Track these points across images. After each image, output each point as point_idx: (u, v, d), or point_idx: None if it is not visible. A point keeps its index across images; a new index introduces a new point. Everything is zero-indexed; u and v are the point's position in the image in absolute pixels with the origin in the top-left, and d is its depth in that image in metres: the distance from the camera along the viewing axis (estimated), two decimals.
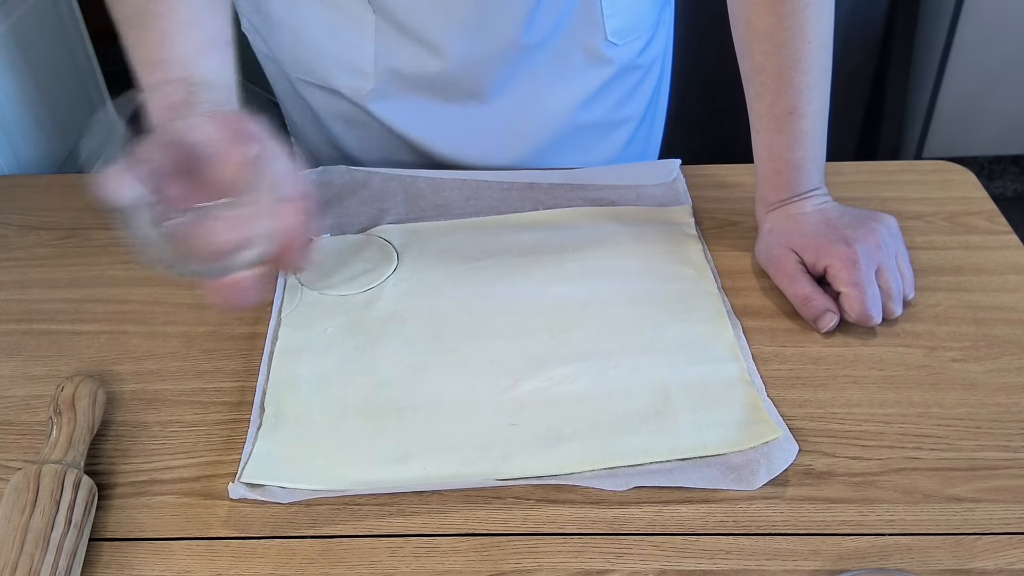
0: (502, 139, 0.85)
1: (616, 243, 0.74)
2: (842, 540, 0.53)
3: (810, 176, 0.71)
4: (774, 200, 0.72)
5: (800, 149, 0.70)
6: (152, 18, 0.59)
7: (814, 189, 0.71)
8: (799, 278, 0.68)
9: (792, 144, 0.70)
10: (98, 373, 0.65)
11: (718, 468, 0.56)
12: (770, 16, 0.66)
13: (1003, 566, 0.51)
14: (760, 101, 0.70)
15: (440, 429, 0.59)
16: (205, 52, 0.60)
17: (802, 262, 0.69)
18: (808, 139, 0.70)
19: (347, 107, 0.84)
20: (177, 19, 0.60)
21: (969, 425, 0.59)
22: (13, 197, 0.84)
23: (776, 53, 0.67)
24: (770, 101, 0.69)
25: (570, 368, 0.63)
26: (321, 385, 0.63)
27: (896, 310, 0.66)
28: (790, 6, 0.65)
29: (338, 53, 0.80)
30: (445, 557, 0.52)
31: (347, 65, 0.80)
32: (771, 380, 0.63)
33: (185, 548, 0.53)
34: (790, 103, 0.68)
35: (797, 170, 0.70)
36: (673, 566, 0.51)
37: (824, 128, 0.71)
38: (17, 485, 0.53)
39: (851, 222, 0.69)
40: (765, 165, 0.72)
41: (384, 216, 0.78)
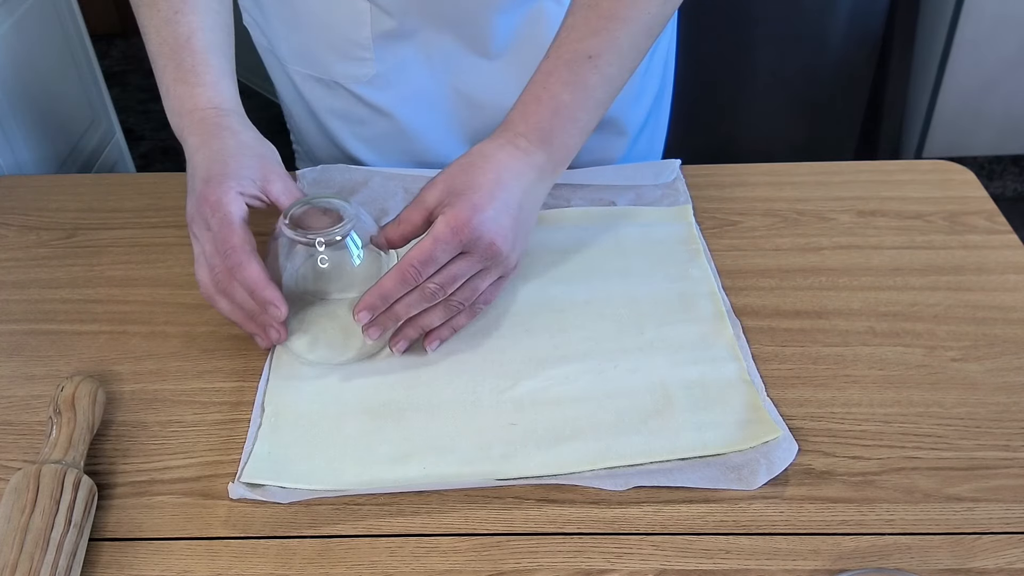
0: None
1: (616, 243, 0.74)
2: (842, 540, 0.53)
3: (559, 133, 0.65)
4: (508, 129, 0.66)
5: (574, 96, 0.65)
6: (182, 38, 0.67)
7: (541, 156, 0.65)
8: (412, 208, 0.63)
9: (574, 87, 0.65)
10: (98, 373, 0.65)
11: (718, 468, 0.56)
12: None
13: (1003, 566, 0.51)
14: (569, 33, 0.65)
15: (440, 429, 0.59)
16: (227, 78, 0.68)
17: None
18: (586, 94, 0.65)
19: (346, 102, 0.84)
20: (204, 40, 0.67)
21: (969, 425, 0.59)
22: (13, 197, 0.84)
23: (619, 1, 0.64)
24: (579, 36, 0.65)
25: (570, 368, 0.63)
26: (321, 385, 0.63)
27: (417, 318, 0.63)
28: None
29: (335, 41, 0.80)
30: (445, 557, 0.52)
31: (346, 53, 0.80)
32: (771, 380, 0.63)
33: (185, 548, 0.53)
34: (597, 50, 0.64)
35: (557, 113, 0.65)
36: (673, 566, 0.51)
37: (599, 111, 0.66)
38: (17, 485, 0.53)
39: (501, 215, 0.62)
40: (529, 90, 0.66)
41: (384, 216, 0.78)
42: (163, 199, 0.82)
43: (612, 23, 0.64)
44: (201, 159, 0.63)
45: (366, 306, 0.60)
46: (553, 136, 0.65)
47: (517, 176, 0.64)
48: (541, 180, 0.66)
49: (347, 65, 0.81)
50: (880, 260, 0.73)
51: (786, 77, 1.92)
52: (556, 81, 0.65)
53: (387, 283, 0.60)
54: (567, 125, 0.65)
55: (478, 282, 0.63)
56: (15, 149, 1.02)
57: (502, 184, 0.63)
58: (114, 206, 0.82)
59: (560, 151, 0.66)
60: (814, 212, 0.79)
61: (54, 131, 1.12)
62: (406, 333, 0.64)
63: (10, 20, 1.05)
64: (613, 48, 0.65)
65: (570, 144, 0.66)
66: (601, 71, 0.65)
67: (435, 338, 0.65)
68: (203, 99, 0.66)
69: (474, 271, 0.62)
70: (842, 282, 0.71)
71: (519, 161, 0.64)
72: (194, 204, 0.62)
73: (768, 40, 1.87)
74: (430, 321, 0.64)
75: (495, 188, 0.62)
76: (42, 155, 1.08)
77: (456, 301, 0.63)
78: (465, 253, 0.61)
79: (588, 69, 0.64)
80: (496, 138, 0.66)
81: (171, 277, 0.73)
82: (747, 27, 1.85)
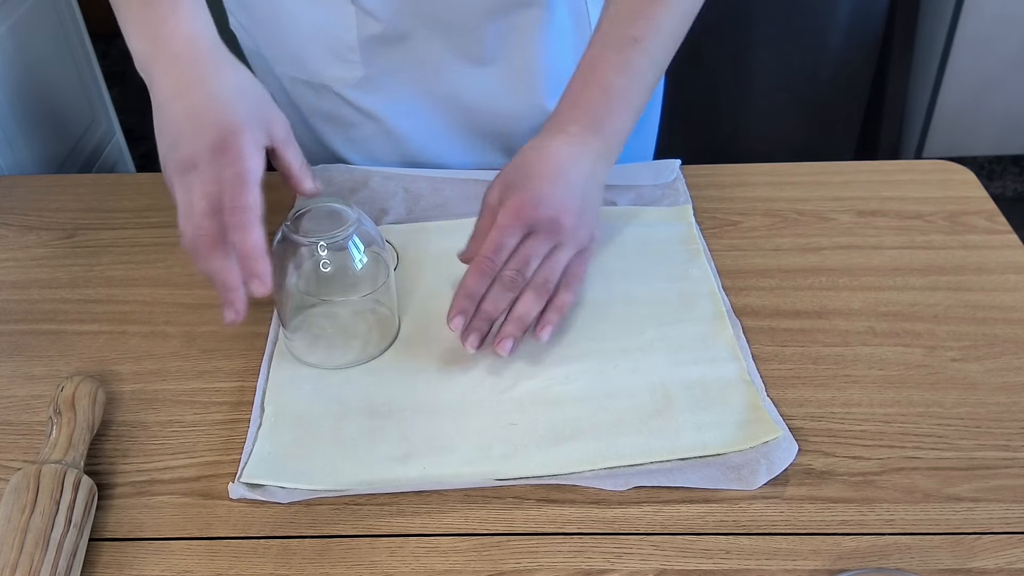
0: (491, 135, 0.85)
1: (616, 243, 0.74)
2: (842, 540, 0.53)
3: (611, 116, 0.66)
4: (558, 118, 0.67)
5: (623, 78, 0.65)
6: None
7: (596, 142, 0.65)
8: (481, 217, 0.64)
9: (622, 69, 0.65)
10: (98, 373, 0.65)
11: (718, 468, 0.56)
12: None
13: (1003, 565, 0.51)
14: (612, 20, 0.67)
15: (440, 429, 0.59)
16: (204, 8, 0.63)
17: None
18: (635, 76, 0.66)
19: (334, 105, 0.83)
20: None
21: (969, 425, 0.59)
22: (13, 197, 0.84)
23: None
24: (623, 22, 0.66)
25: (570, 368, 0.63)
26: (321, 385, 0.63)
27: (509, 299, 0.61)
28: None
29: (322, 44, 0.79)
30: (445, 557, 0.52)
31: (333, 56, 0.80)
32: (771, 380, 0.63)
33: (185, 548, 0.53)
34: (642, 32, 0.65)
35: (607, 95, 0.66)
36: (673, 566, 0.51)
37: (647, 93, 0.67)
38: (17, 485, 0.53)
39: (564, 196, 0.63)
40: (576, 77, 0.67)
41: (384, 216, 0.78)
42: (163, 199, 0.82)
43: (655, 7, 0.66)
44: (202, 96, 0.58)
45: (458, 310, 0.61)
46: (605, 120, 0.66)
47: (574, 162, 0.64)
48: (599, 165, 0.66)
49: (334, 68, 0.80)
50: (880, 260, 0.73)
51: (786, 77, 1.92)
52: (604, 65, 0.66)
53: (467, 281, 0.61)
54: (619, 108, 0.66)
55: (557, 257, 0.63)
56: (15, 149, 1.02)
57: (560, 171, 0.64)
58: (114, 206, 0.82)
59: (614, 135, 0.66)
60: (814, 212, 0.79)
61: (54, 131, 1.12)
62: (506, 331, 0.62)
63: (10, 20, 1.05)
64: (657, 31, 0.66)
65: (623, 127, 0.67)
66: (648, 53, 0.66)
67: (544, 324, 0.62)
68: (184, 26, 0.60)
69: (546, 249, 0.62)
70: (842, 282, 0.71)
71: (574, 148, 0.65)
72: (196, 149, 0.56)
73: (768, 40, 1.87)
74: (526, 310, 0.62)
75: (553, 175, 0.63)
76: (42, 155, 1.08)
77: (541, 280, 0.62)
78: (532, 233, 0.62)
79: (635, 52, 0.65)
80: (547, 130, 0.66)
81: (171, 277, 0.73)
82: (747, 27, 1.85)
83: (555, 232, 0.62)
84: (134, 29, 0.61)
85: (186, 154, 0.57)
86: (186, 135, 0.57)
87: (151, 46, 0.60)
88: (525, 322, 0.62)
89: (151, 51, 0.60)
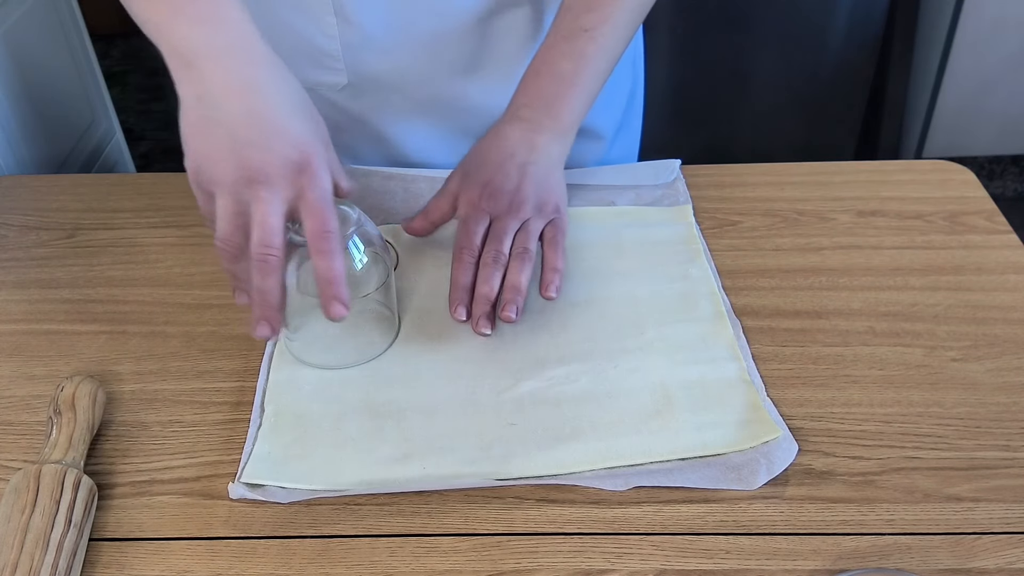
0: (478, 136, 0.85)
1: (616, 243, 0.74)
2: (842, 540, 0.53)
3: (560, 99, 0.70)
4: (513, 105, 0.71)
5: (572, 64, 0.69)
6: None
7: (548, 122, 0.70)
8: (437, 197, 0.70)
9: (572, 56, 0.69)
10: (98, 373, 0.65)
11: (718, 468, 0.56)
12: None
13: (1003, 566, 0.51)
14: (566, 13, 0.71)
15: (440, 429, 0.59)
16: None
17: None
18: (584, 62, 0.69)
19: (321, 108, 0.82)
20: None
21: (969, 425, 0.59)
22: (13, 197, 0.84)
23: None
24: (575, 15, 0.70)
25: (570, 368, 0.63)
26: (321, 385, 0.63)
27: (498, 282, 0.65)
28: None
29: (305, 49, 0.78)
30: (445, 557, 0.52)
31: (317, 61, 0.79)
32: (771, 380, 0.63)
33: (185, 548, 0.53)
34: (592, 23, 0.69)
35: (556, 80, 0.70)
36: (673, 566, 0.51)
37: (599, 78, 0.71)
38: (17, 485, 0.53)
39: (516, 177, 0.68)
40: (530, 67, 0.71)
41: (384, 216, 0.78)
42: (163, 199, 0.82)
43: (606, 2, 0.69)
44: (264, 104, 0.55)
45: (457, 302, 0.65)
46: (556, 101, 0.70)
47: (526, 144, 0.69)
48: (552, 143, 0.70)
49: (318, 74, 0.79)
50: (880, 260, 0.73)
51: (786, 77, 1.92)
52: (555, 54, 0.70)
53: (454, 275, 0.66)
54: (568, 91, 0.70)
55: (527, 228, 0.67)
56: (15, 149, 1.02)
57: (512, 154, 0.69)
58: (114, 206, 0.82)
59: (566, 115, 0.70)
60: (814, 212, 0.79)
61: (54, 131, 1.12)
62: (506, 299, 0.64)
63: (10, 20, 1.05)
64: (608, 21, 0.69)
65: (574, 108, 0.71)
66: (597, 42, 0.69)
67: (547, 283, 0.65)
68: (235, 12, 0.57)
69: (515, 225, 0.67)
70: (842, 282, 0.71)
71: (524, 131, 0.70)
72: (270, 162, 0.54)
73: (768, 40, 1.87)
74: (516, 277, 0.65)
75: (504, 160, 0.69)
76: (42, 155, 1.08)
77: (519, 249, 0.66)
78: (496, 218, 0.67)
79: (585, 40, 0.69)
80: (503, 118, 0.71)
81: (171, 277, 0.73)
82: (747, 27, 1.85)
83: (516, 211, 0.67)
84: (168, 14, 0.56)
85: (257, 165, 0.54)
86: (255, 145, 0.55)
87: (199, 31, 0.56)
88: (519, 288, 0.65)
89: (201, 37, 0.56)
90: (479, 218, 0.67)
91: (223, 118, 0.55)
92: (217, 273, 0.73)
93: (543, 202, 0.68)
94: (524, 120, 0.70)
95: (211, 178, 0.55)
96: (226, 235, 0.56)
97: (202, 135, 0.55)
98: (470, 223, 0.67)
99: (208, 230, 0.77)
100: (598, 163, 0.89)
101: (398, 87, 0.81)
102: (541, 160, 0.69)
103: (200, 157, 0.55)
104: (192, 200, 0.81)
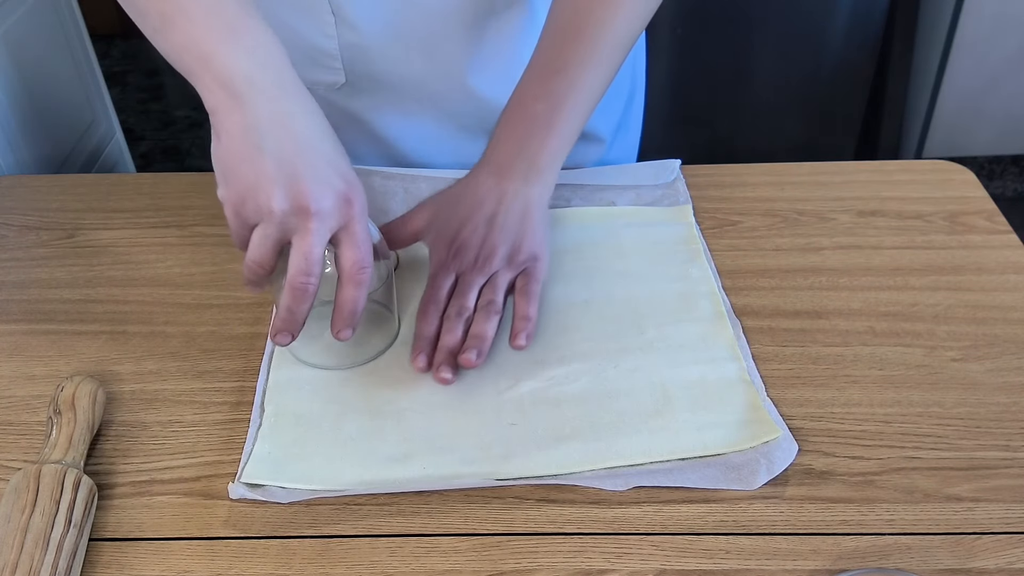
0: (480, 139, 0.85)
1: (616, 243, 0.74)
2: (842, 540, 0.53)
3: (532, 140, 0.67)
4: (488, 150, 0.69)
5: (543, 104, 0.67)
6: None
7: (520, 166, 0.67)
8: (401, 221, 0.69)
9: (544, 96, 0.67)
10: (98, 373, 0.65)
11: (718, 468, 0.56)
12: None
13: (1003, 566, 0.51)
14: (539, 54, 0.69)
15: (440, 429, 0.59)
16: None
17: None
18: (557, 101, 0.67)
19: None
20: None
21: (969, 425, 0.59)
22: (13, 197, 0.84)
23: (584, 18, 0.67)
24: (548, 55, 0.68)
25: (570, 368, 0.63)
26: (321, 385, 0.63)
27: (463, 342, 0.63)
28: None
29: (303, 48, 0.78)
30: (445, 557, 0.52)
31: (314, 61, 0.79)
32: (771, 380, 0.63)
33: (185, 548, 0.53)
34: (564, 63, 0.67)
35: (528, 121, 0.68)
36: (673, 566, 0.51)
37: (575, 116, 0.68)
38: (17, 485, 0.53)
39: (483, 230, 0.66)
40: (504, 111, 0.70)
41: (384, 216, 0.78)
42: (163, 199, 0.82)
43: (576, 39, 0.67)
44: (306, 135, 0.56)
45: (417, 350, 0.63)
46: (529, 144, 0.68)
47: (494, 192, 0.68)
48: (526, 188, 0.68)
49: (316, 73, 0.79)
50: (880, 260, 0.73)
51: (786, 77, 1.92)
52: (527, 95, 0.69)
53: (418, 327, 0.64)
54: (542, 132, 0.68)
55: (495, 282, 0.65)
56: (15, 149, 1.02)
57: (479, 205, 0.67)
58: (114, 206, 0.82)
59: (541, 157, 0.68)
60: (814, 212, 0.79)
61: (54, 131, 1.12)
62: (467, 345, 0.62)
63: (10, 20, 1.05)
64: (580, 61, 0.67)
65: (551, 148, 0.68)
66: (571, 81, 0.67)
67: (515, 332, 0.63)
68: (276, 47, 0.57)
69: (481, 279, 0.65)
70: (842, 282, 0.71)
71: (496, 178, 0.68)
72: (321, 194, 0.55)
73: (768, 40, 1.87)
74: (480, 329, 0.62)
75: (472, 212, 0.67)
76: (42, 155, 1.08)
77: (484, 302, 0.64)
78: (463, 272, 0.65)
79: (557, 80, 0.67)
80: (478, 163, 0.70)
81: (171, 277, 0.73)
82: (747, 27, 1.85)
83: (483, 265, 0.65)
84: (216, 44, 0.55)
85: (310, 197, 0.55)
86: (307, 176, 0.55)
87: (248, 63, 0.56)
88: (482, 336, 0.62)
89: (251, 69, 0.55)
90: (446, 275, 0.66)
91: (273, 149, 0.55)
92: (217, 273, 0.73)
93: (514, 252, 0.66)
94: (495, 165, 0.68)
95: (260, 208, 0.55)
96: (263, 261, 0.57)
97: (250, 166, 0.55)
98: (437, 279, 0.66)
99: (208, 230, 0.78)
100: (597, 164, 0.89)
101: (396, 86, 0.81)
102: (513, 207, 0.67)
103: (247, 188, 0.55)
104: (192, 200, 0.82)
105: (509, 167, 0.68)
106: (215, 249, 0.76)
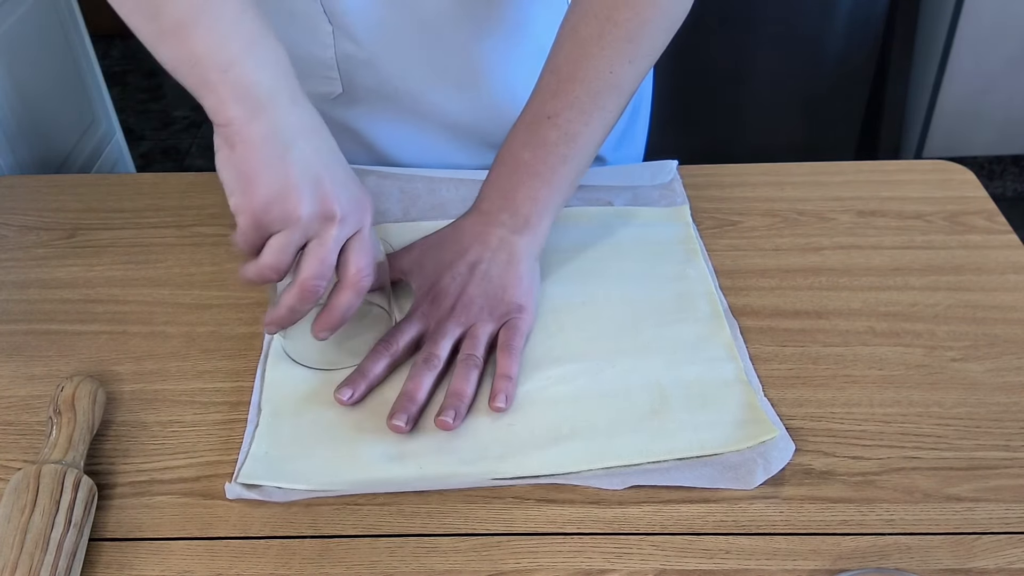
0: (476, 148, 0.84)
1: (613, 243, 0.74)
2: (841, 540, 0.53)
3: (520, 189, 0.66)
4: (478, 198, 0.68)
5: (531, 152, 0.66)
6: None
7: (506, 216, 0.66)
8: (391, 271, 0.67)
9: (532, 144, 0.66)
10: (98, 373, 0.65)
11: (715, 467, 0.56)
12: (597, 27, 0.64)
13: (1003, 566, 0.51)
14: (532, 99, 0.68)
15: (438, 429, 0.59)
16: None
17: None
18: (546, 150, 0.65)
19: None
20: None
21: (969, 425, 0.59)
22: (13, 197, 0.84)
23: (579, 63, 0.65)
24: (540, 100, 0.67)
25: (567, 368, 0.63)
26: (317, 385, 0.63)
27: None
28: (618, 30, 0.64)
29: (299, 58, 0.78)
30: (445, 557, 0.52)
31: (310, 71, 0.78)
32: (770, 380, 0.63)
33: (185, 548, 0.53)
34: (555, 109, 0.65)
35: (515, 169, 0.66)
36: (673, 566, 0.51)
37: (566, 165, 0.66)
38: (17, 485, 0.53)
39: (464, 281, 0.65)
40: (496, 158, 0.68)
41: (380, 216, 0.78)
42: (163, 199, 0.82)
43: (570, 84, 0.66)
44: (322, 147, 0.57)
45: (348, 382, 0.61)
46: (514, 192, 0.67)
47: (478, 240, 0.67)
48: (513, 238, 0.67)
49: (314, 83, 0.79)
50: (880, 260, 0.73)
51: (786, 77, 1.92)
52: (517, 143, 0.67)
53: (362, 362, 0.62)
54: (528, 181, 0.66)
55: (475, 333, 0.63)
56: (15, 149, 1.02)
57: (462, 253, 0.66)
58: (114, 206, 0.82)
59: (526, 207, 0.67)
60: (814, 212, 0.79)
61: (54, 131, 1.13)
62: (445, 405, 0.59)
63: (10, 20, 1.05)
64: (571, 107, 0.66)
65: (537, 197, 0.66)
66: (560, 128, 0.66)
67: (494, 394, 0.60)
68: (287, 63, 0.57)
69: (456, 329, 0.63)
70: (842, 282, 0.71)
71: (481, 226, 0.67)
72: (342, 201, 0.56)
73: (768, 40, 1.87)
74: (458, 386, 0.60)
75: (454, 259, 0.66)
76: (42, 155, 1.08)
77: (463, 356, 0.62)
78: (440, 319, 0.64)
79: (547, 127, 0.66)
80: (467, 212, 0.69)
81: (171, 277, 0.73)
82: (747, 27, 1.85)
83: (459, 314, 0.64)
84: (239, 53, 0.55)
85: (337, 203, 0.56)
86: (333, 183, 0.56)
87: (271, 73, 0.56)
88: (461, 395, 0.59)
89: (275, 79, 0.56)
90: (413, 321, 0.64)
91: (297, 156, 0.55)
92: (217, 273, 0.73)
93: (495, 303, 0.64)
94: (482, 213, 0.67)
95: (287, 214, 0.55)
96: (281, 266, 0.57)
97: (274, 173, 0.55)
98: (403, 323, 0.64)
99: (208, 230, 0.78)
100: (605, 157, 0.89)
101: (392, 96, 0.81)
102: (498, 256, 0.66)
103: (272, 194, 0.55)
104: (192, 200, 0.82)
105: (494, 216, 0.67)
106: (215, 249, 0.76)
